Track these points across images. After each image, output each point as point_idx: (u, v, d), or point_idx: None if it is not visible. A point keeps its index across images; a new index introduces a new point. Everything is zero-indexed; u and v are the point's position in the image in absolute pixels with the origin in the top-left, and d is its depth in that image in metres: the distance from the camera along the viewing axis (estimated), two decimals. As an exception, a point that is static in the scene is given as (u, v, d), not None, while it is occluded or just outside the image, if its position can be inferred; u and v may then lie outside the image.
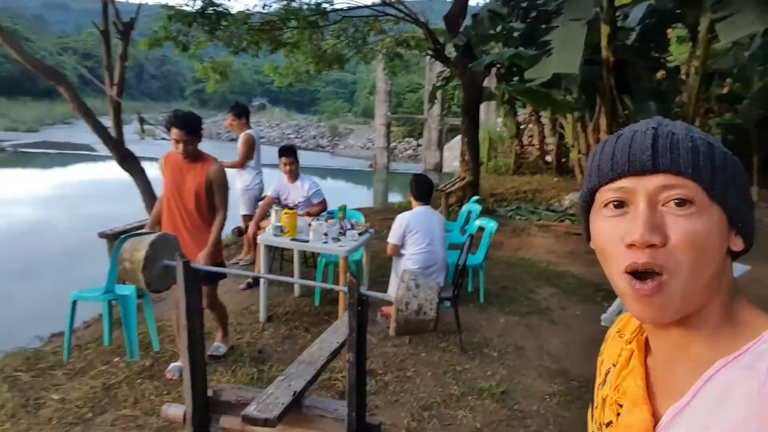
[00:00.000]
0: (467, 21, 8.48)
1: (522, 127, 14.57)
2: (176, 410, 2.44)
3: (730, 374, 0.57)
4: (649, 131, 0.61)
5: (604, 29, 7.03)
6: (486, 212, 9.51)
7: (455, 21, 8.87)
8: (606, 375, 0.77)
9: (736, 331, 0.60)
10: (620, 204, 0.62)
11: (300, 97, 54.07)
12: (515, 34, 8.75)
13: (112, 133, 6.71)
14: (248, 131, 5.45)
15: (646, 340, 0.71)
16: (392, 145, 31.67)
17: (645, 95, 7.43)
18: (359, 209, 9.45)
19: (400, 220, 3.95)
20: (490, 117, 19.36)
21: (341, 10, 10.20)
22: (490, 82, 12.85)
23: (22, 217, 12.51)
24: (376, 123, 24.17)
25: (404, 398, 3.16)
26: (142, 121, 5.90)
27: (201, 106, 49.14)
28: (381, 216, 8.28)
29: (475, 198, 6.82)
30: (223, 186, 3.26)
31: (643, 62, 7.87)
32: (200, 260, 3.08)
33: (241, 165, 5.45)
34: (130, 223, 4.76)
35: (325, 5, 9.57)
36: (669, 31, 9.70)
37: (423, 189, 4.09)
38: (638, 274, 0.59)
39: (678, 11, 7.70)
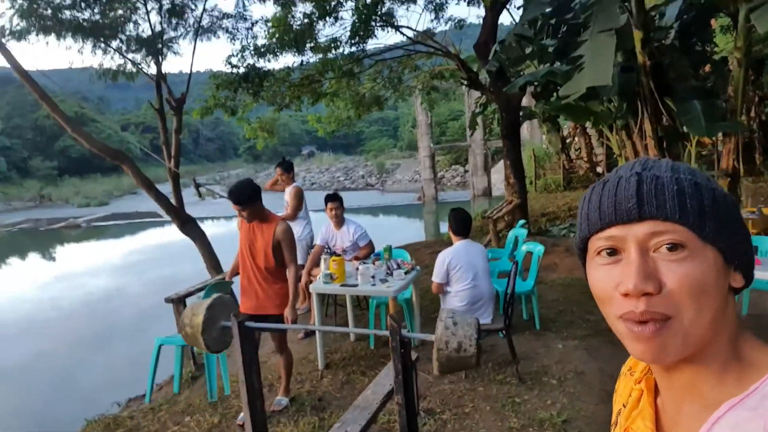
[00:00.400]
0: (496, 46, 8.57)
1: (568, 141, 14.35)
2: (242, 464, 2.55)
3: (736, 416, 0.56)
4: (633, 177, 0.60)
5: (637, 35, 6.94)
6: (538, 233, 9.35)
7: (485, 48, 9.00)
8: (617, 415, 0.76)
9: (742, 370, 0.59)
10: (613, 251, 0.61)
11: (346, 140, 55.46)
12: (550, 49, 8.75)
13: (173, 200, 7.18)
14: (295, 184, 5.69)
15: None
16: (439, 174, 31.79)
17: (688, 94, 7.21)
18: (409, 245, 9.57)
19: (442, 258, 3.96)
20: (535, 135, 19.17)
21: (374, 54, 10.56)
22: (530, 102, 12.82)
23: (97, 287, 13.40)
24: (421, 155, 24.40)
25: (464, 435, 3.14)
26: (197, 186, 6.34)
27: (254, 161, 51.32)
28: (431, 249, 8.30)
29: (522, 222, 6.75)
30: (290, 243, 3.53)
31: (685, 60, 7.66)
32: (287, 315, 3.48)
33: (293, 217, 5.63)
34: (194, 285, 5.02)
35: (358, 53, 9.94)
36: (712, 21, 9.40)
37: (461, 223, 4.08)
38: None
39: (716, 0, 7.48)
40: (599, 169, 13.45)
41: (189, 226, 6.98)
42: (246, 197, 3.38)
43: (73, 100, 50.96)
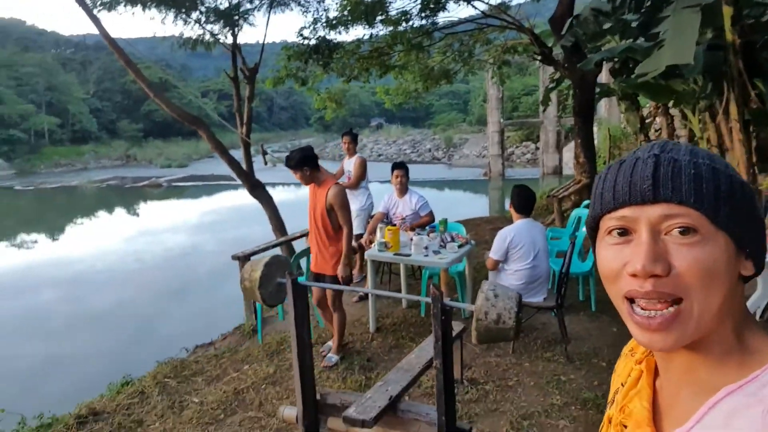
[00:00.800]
0: (572, 21, 8.21)
1: (648, 121, 13.56)
2: (290, 412, 2.76)
3: (735, 401, 0.56)
4: (650, 159, 0.60)
5: (727, 11, 6.45)
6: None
7: (561, 22, 8.65)
8: (615, 394, 0.76)
9: (744, 358, 0.59)
10: (624, 232, 0.61)
11: (415, 113, 55.03)
12: (633, 24, 8.29)
13: (244, 165, 7.54)
14: (359, 155, 5.83)
15: None
16: (509, 150, 31.03)
17: (782, 75, 6.66)
18: (470, 220, 9.55)
19: (503, 235, 3.93)
20: (613, 113, 18.29)
21: (445, 27, 10.41)
22: (608, 78, 12.21)
23: (176, 243, 14.35)
24: (489, 131, 23.92)
25: (504, 407, 3.22)
26: (264, 153, 6.69)
27: (324, 131, 52.14)
28: (492, 226, 8.26)
29: (587, 202, 6.57)
30: (343, 205, 3.76)
31: (783, 37, 7.04)
32: (340, 272, 3.74)
33: (356, 186, 5.77)
34: (259, 245, 5.31)
35: (428, 26, 9.84)
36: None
37: (524, 201, 4.03)
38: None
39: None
40: (679, 153, 12.66)
41: (258, 190, 7.33)
42: (295, 161, 3.65)
43: (157, 67, 53.37)
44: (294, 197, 16.94)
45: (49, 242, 16.39)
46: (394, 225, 4.61)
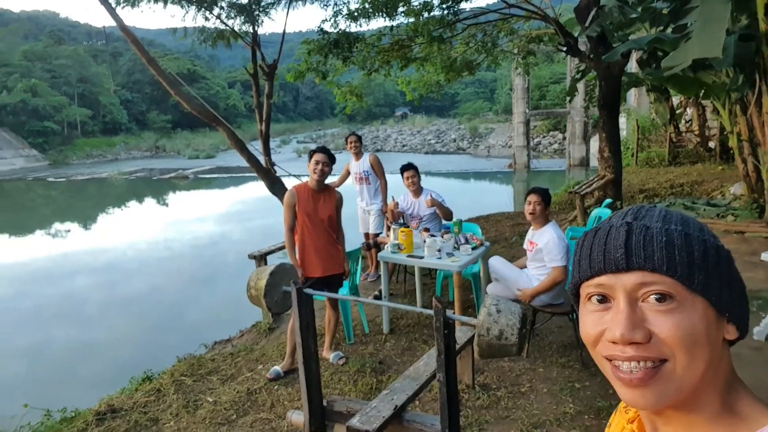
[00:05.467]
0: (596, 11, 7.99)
1: (678, 111, 13.19)
2: (298, 417, 2.79)
3: None
4: (623, 227, 0.61)
5: (760, 0, 6.19)
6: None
7: (586, 12, 8.42)
8: None
9: (733, 423, 0.59)
10: (603, 299, 0.62)
11: (440, 102, 54.65)
12: (665, 11, 8.01)
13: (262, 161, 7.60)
14: (370, 153, 5.82)
15: None
16: (536, 140, 30.57)
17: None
18: (491, 215, 9.45)
19: (564, 238, 3.75)
20: (642, 103, 17.81)
21: (466, 18, 10.24)
22: (638, 68, 11.88)
23: (203, 233, 14.62)
24: (515, 121, 23.56)
25: (516, 414, 3.19)
26: (272, 165, 6.93)
27: (349, 121, 52.20)
28: (513, 222, 8.16)
29: (608, 201, 6.43)
30: (341, 207, 3.98)
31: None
32: (346, 268, 4.01)
33: (385, 182, 5.73)
34: (276, 244, 5.36)
35: (450, 17, 9.69)
36: None
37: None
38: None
39: None
40: (711, 144, 12.30)
41: (276, 186, 7.38)
42: (333, 155, 3.87)
43: (186, 59, 54.34)
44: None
45: (82, 231, 16.87)
46: (408, 226, 4.58)
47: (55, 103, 41.26)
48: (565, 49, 9.72)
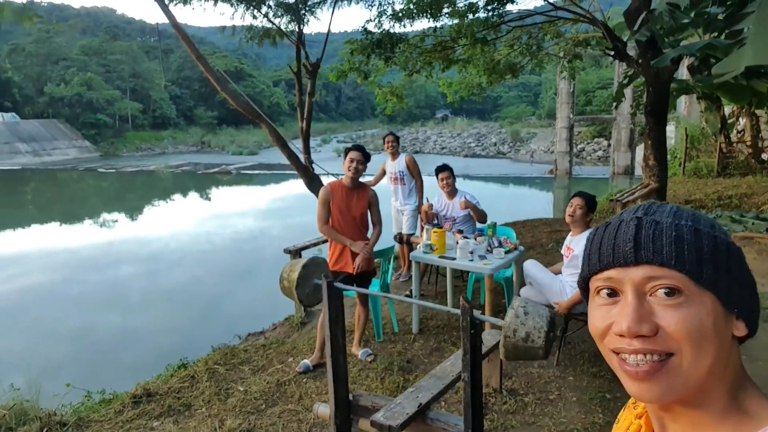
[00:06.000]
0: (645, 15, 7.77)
1: (730, 121, 12.68)
2: (324, 409, 2.84)
3: None
4: (632, 221, 0.62)
5: (823, 4, 5.89)
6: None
7: (636, 15, 8.19)
8: None
9: (740, 421, 0.59)
10: (612, 293, 0.62)
11: (482, 105, 54.15)
12: (720, 16, 7.73)
13: (302, 159, 7.73)
14: (406, 153, 5.84)
15: None
16: (579, 146, 29.92)
17: None
18: (528, 221, 9.31)
19: None
20: (693, 111, 17.21)
21: (512, 20, 10.13)
22: (689, 76, 11.49)
23: (244, 227, 14.97)
24: (558, 126, 23.13)
25: (542, 421, 3.15)
26: (311, 162, 7.08)
27: (389, 122, 52.35)
28: (551, 228, 8.02)
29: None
30: (378, 204, 4.01)
31: None
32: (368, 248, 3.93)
33: (421, 184, 5.77)
34: (310, 240, 5.45)
35: (494, 19, 9.61)
36: None
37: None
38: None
39: None
40: (764, 156, 11.77)
41: (315, 183, 7.48)
42: (368, 153, 3.94)
43: (234, 57, 55.71)
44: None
45: (128, 222, 17.53)
46: (442, 227, 4.58)
47: (108, 96, 43.03)
48: (612, 53, 9.49)
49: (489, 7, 9.31)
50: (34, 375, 3.95)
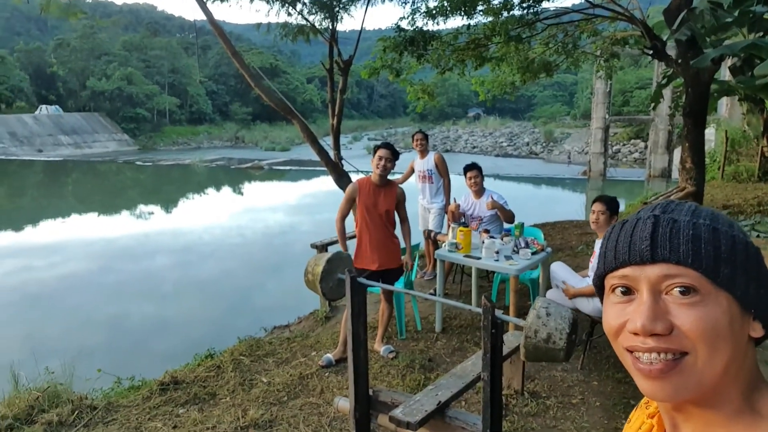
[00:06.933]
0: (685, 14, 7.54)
1: (774, 124, 12.18)
2: (344, 403, 2.87)
3: None
4: (649, 219, 0.61)
5: None
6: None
7: (677, 14, 7.97)
8: None
9: (754, 422, 0.58)
10: (627, 290, 0.62)
11: (515, 104, 53.46)
12: (766, 15, 7.44)
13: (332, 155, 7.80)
14: (435, 151, 5.82)
15: None
16: (615, 148, 29.26)
17: None
18: (558, 222, 9.16)
19: None
20: (734, 113, 16.63)
21: (547, 18, 9.97)
22: (730, 77, 11.10)
23: (275, 222, 15.19)
24: (593, 127, 22.66)
25: (564, 425, 3.11)
26: (340, 159, 7.17)
27: (421, 120, 52.23)
28: (581, 230, 7.87)
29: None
30: (405, 201, 4.07)
31: None
32: (407, 260, 4.12)
33: (449, 183, 5.74)
34: (333, 236, 5.48)
35: (529, 17, 9.48)
36: None
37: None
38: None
39: None
40: (811, 161, 11.29)
41: (344, 179, 7.53)
42: (397, 151, 3.97)
43: (269, 53, 56.45)
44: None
45: (163, 214, 18.00)
46: (468, 226, 4.55)
47: (147, 91, 44.18)
48: (651, 52, 9.25)
49: (524, 5, 9.18)
50: (69, 359, 4.09)
